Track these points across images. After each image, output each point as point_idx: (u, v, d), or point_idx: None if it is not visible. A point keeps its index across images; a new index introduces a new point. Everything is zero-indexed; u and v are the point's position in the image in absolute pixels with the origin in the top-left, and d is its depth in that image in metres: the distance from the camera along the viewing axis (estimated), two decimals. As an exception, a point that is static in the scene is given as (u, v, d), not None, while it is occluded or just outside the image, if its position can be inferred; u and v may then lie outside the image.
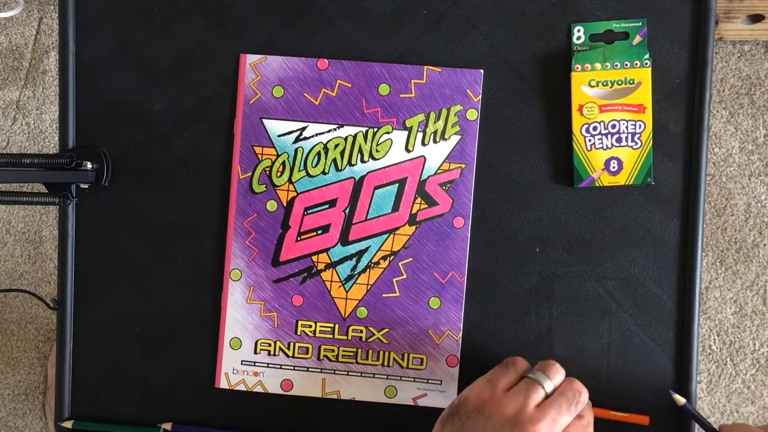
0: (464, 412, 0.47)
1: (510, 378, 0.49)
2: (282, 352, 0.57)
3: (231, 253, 0.57)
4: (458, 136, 0.56)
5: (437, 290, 0.57)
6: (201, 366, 0.58)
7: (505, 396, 0.47)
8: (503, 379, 0.48)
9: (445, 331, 0.57)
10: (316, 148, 0.57)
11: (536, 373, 0.48)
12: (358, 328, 0.57)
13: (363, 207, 0.57)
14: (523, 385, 0.48)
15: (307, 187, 0.57)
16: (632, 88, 0.55)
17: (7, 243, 1.36)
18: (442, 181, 0.56)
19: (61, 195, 0.56)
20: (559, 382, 0.49)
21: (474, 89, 0.56)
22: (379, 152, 0.57)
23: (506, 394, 0.47)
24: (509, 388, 0.48)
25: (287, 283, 0.57)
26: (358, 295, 0.57)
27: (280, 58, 0.57)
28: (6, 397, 1.35)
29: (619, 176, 0.55)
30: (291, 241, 0.57)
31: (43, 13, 1.36)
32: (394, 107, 0.56)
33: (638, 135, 0.55)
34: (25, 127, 1.36)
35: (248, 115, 0.57)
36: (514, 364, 0.50)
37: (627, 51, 0.55)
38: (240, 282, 0.57)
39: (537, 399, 0.47)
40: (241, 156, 0.57)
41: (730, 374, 1.25)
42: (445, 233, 0.57)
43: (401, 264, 0.57)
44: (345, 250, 0.57)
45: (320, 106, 0.57)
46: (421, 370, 0.57)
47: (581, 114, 0.55)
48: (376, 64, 0.56)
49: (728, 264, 1.25)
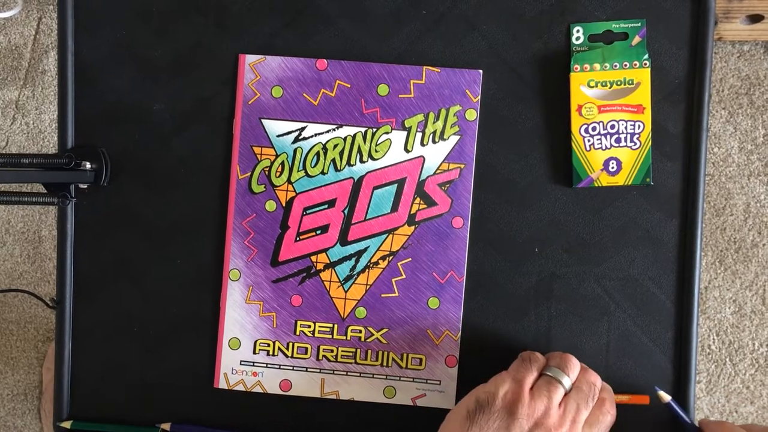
0: (494, 410, 0.47)
1: (534, 375, 0.49)
2: (281, 353, 0.57)
3: (230, 253, 0.57)
4: (457, 137, 0.56)
5: (436, 290, 0.57)
6: (200, 366, 0.58)
7: (532, 397, 0.48)
8: (528, 377, 0.49)
9: (444, 331, 0.57)
10: (315, 148, 0.57)
11: (554, 371, 0.49)
12: (357, 329, 0.57)
13: (362, 207, 0.57)
14: (544, 384, 0.48)
15: (306, 187, 0.57)
16: (631, 88, 0.55)
17: (7, 243, 1.36)
18: (441, 182, 0.56)
19: (60, 195, 0.56)
20: (575, 377, 0.49)
21: (473, 89, 0.56)
22: (378, 152, 0.57)
23: (532, 394, 0.48)
24: (533, 385, 0.49)
25: (286, 283, 0.57)
26: (357, 295, 0.57)
27: (279, 59, 0.57)
28: (5, 396, 1.35)
29: (618, 176, 0.55)
30: (290, 241, 0.57)
31: (42, 12, 1.36)
32: (393, 107, 0.56)
33: (637, 135, 0.55)
34: (24, 126, 1.36)
35: (247, 115, 0.57)
36: (536, 360, 0.50)
37: (626, 51, 0.55)
38: (239, 282, 0.57)
39: (559, 397, 0.48)
40: (240, 156, 0.57)
41: (729, 374, 1.25)
42: (444, 233, 0.57)
43: (400, 264, 0.57)
44: (344, 250, 0.57)
45: (319, 107, 0.57)
46: (420, 371, 0.57)
47: (580, 114, 0.55)
48: (375, 65, 0.56)
49: (727, 264, 1.25)
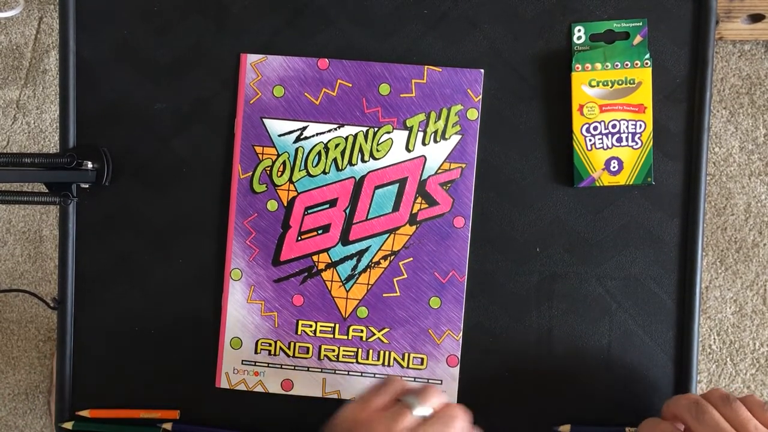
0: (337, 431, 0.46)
1: (384, 398, 0.47)
2: (282, 352, 0.57)
3: (231, 253, 0.57)
4: (459, 136, 0.56)
5: (438, 290, 0.57)
6: (201, 366, 0.58)
7: (375, 417, 0.46)
8: (376, 399, 0.47)
9: (445, 330, 0.57)
10: (316, 147, 0.57)
11: (408, 397, 0.47)
12: (358, 328, 0.57)
13: (363, 207, 0.57)
14: (395, 408, 0.46)
15: (307, 186, 0.57)
16: (633, 87, 0.55)
17: (8, 242, 1.36)
18: (443, 181, 0.56)
19: (62, 194, 0.56)
20: (437, 407, 0.47)
21: (474, 89, 0.56)
22: (379, 152, 0.57)
23: (377, 414, 0.46)
24: (384, 408, 0.47)
25: (288, 283, 0.57)
26: (359, 294, 0.57)
27: (280, 58, 0.57)
28: (6, 396, 1.35)
29: (619, 176, 0.55)
30: (291, 240, 0.57)
31: (43, 12, 1.36)
32: (394, 107, 0.56)
33: (638, 135, 0.55)
34: (25, 126, 1.36)
35: (249, 114, 0.57)
36: (391, 383, 0.48)
37: (627, 51, 0.55)
38: (240, 282, 0.57)
39: (406, 423, 0.45)
40: (242, 156, 0.57)
41: (730, 374, 1.25)
42: (446, 233, 0.57)
43: (402, 264, 0.57)
44: (345, 250, 0.57)
45: (321, 106, 0.57)
46: (421, 370, 0.57)
47: (582, 114, 0.55)
48: (377, 64, 0.56)
49: (728, 264, 1.25)
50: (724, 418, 0.47)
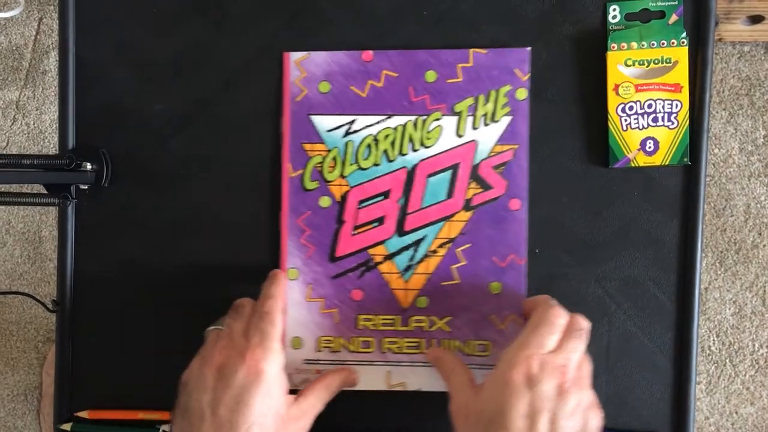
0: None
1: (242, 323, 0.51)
2: (344, 348, 0.57)
3: (287, 253, 0.57)
4: (509, 117, 0.55)
5: (497, 275, 0.56)
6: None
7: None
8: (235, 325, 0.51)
9: (508, 315, 0.56)
10: (366, 140, 0.56)
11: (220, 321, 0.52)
12: (419, 318, 0.56)
13: (417, 196, 0.56)
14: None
15: (359, 180, 0.56)
16: (669, 67, 0.54)
17: (7, 243, 1.36)
18: (496, 164, 0.56)
19: (61, 196, 0.56)
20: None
21: (522, 68, 0.55)
22: (429, 140, 0.56)
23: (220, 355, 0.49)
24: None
25: (346, 278, 0.57)
26: (418, 284, 0.56)
27: (323, 53, 0.56)
28: (5, 397, 1.35)
29: (655, 156, 0.55)
30: (347, 235, 0.56)
31: (43, 13, 1.36)
32: (442, 93, 0.56)
33: (675, 114, 0.54)
34: (24, 127, 1.36)
35: (295, 112, 0.56)
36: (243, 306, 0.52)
37: (663, 30, 0.54)
38: (298, 281, 0.57)
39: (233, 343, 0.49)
40: (291, 154, 0.56)
41: (729, 375, 1.25)
42: (502, 216, 0.56)
43: (459, 251, 0.56)
44: (402, 241, 0.56)
45: (368, 98, 0.56)
46: (485, 357, 0.56)
47: (617, 94, 0.54)
48: (421, 51, 0.56)
49: (728, 265, 1.25)
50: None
